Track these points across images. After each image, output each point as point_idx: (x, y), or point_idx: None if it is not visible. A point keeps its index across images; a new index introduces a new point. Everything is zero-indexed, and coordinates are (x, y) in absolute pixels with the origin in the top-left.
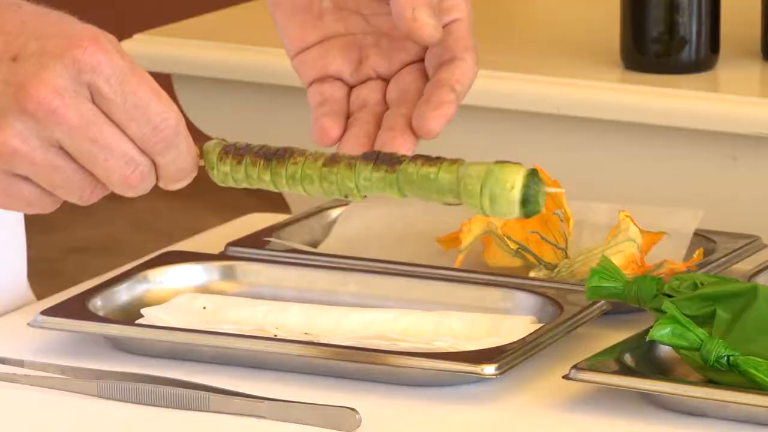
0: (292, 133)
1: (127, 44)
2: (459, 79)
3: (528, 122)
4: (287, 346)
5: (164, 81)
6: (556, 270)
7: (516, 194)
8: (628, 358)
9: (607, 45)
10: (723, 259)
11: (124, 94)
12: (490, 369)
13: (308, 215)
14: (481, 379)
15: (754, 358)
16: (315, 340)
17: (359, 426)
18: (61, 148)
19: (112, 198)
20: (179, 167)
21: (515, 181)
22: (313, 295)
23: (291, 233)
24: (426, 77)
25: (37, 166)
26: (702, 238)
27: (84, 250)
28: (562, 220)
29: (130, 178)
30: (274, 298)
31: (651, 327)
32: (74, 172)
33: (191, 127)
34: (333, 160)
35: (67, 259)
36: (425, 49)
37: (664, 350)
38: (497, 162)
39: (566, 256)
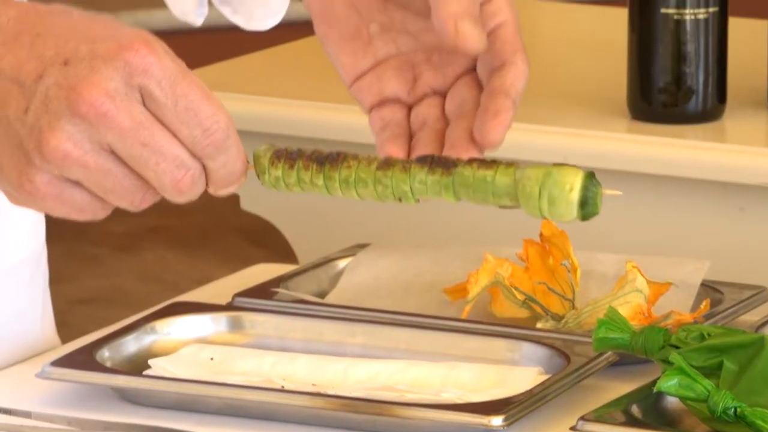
0: None
1: None
2: (512, 82)
3: None
4: (294, 398)
5: None
6: (563, 321)
7: (575, 196)
8: (635, 410)
9: (614, 95)
10: (730, 310)
11: (175, 97)
12: (497, 420)
13: (315, 265)
14: (489, 430)
15: (761, 410)
16: (322, 392)
17: None
18: (113, 151)
19: (120, 248)
20: (229, 171)
21: (574, 182)
22: (320, 346)
23: (298, 284)
24: (481, 86)
25: (89, 170)
26: (709, 288)
27: (91, 301)
28: (569, 271)
29: (181, 182)
30: (282, 349)
31: (658, 378)
32: (125, 177)
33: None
34: (387, 164)
35: (74, 311)
36: (476, 58)
37: (672, 401)
38: (555, 164)
39: (573, 307)
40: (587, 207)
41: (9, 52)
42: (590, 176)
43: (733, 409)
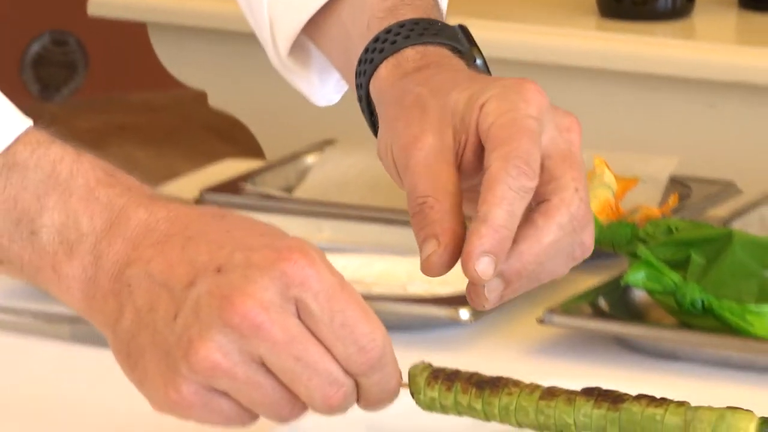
0: (267, 81)
1: None
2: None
3: (504, 70)
4: None
5: (140, 29)
6: None
7: None
8: (602, 303)
9: None
10: (698, 205)
11: (332, 312)
12: (465, 313)
13: (283, 162)
14: (456, 323)
15: (728, 302)
16: None
17: None
18: (263, 363)
19: (88, 145)
20: (383, 389)
21: (748, 429)
22: None
23: (266, 179)
24: None
25: (238, 383)
26: (677, 184)
27: None
28: None
29: (333, 398)
30: None
31: (626, 271)
32: (274, 390)
33: (167, 75)
34: (551, 393)
35: None
36: None
37: (639, 294)
38: (729, 408)
39: None
40: None
41: (159, 254)
42: (765, 422)
43: (700, 302)
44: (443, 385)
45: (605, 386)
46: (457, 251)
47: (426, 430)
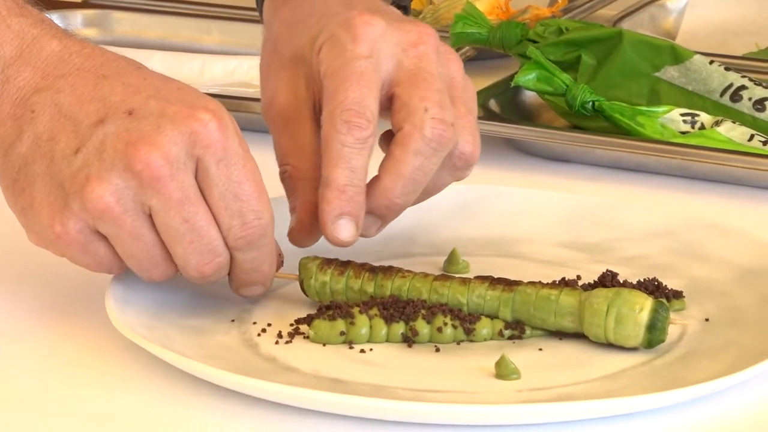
0: None
1: None
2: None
3: None
4: None
5: None
6: (420, 16)
7: (644, 317)
8: (493, 104)
9: None
10: (587, 5)
11: (229, 181)
12: None
13: None
14: None
15: (618, 103)
16: None
17: None
18: (150, 216)
19: None
20: (254, 268)
21: (644, 304)
22: (176, 43)
23: None
24: None
25: (122, 230)
26: None
27: None
28: None
29: (206, 266)
30: (137, 47)
31: (516, 73)
32: (153, 246)
33: None
34: (445, 277)
35: None
36: None
37: (529, 96)
38: (625, 287)
39: (431, 2)
40: (655, 332)
41: (69, 87)
42: (661, 302)
43: (590, 103)
44: (336, 270)
45: (497, 187)
46: (315, 222)
47: None
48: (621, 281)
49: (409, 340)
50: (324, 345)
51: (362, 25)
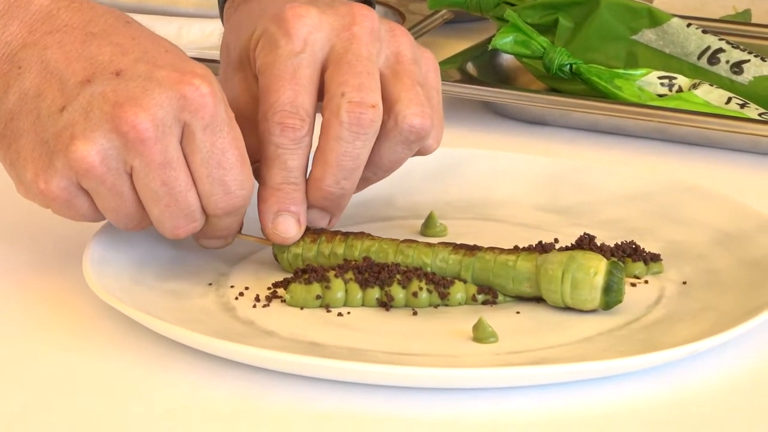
0: None
1: None
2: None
3: None
4: None
5: None
6: None
7: (599, 280)
8: (470, 67)
9: None
10: None
11: (213, 148)
12: None
13: None
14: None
15: (596, 66)
16: None
17: None
18: (130, 176)
19: None
20: (224, 228)
21: (599, 267)
22: (153, 6)
23: None
24: None
25: (104, 188)
26: None
27: None
28: None
29: (181, 230)
30: None
31: (493, 36)
32: (132, 204)
33: None
34: (412, 241)
35: None
36: None
37: (507, 59)
38: (579, 250)
39: None
40: (611, 293)
41: (57, 44)
42: (615, 263)
43: (568, 66)
44: (308, 238)
45: (474, 151)
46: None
47: None
48: (598, 244)
49: (386, 304)
50: (301, 309)
51: (293, 18)
